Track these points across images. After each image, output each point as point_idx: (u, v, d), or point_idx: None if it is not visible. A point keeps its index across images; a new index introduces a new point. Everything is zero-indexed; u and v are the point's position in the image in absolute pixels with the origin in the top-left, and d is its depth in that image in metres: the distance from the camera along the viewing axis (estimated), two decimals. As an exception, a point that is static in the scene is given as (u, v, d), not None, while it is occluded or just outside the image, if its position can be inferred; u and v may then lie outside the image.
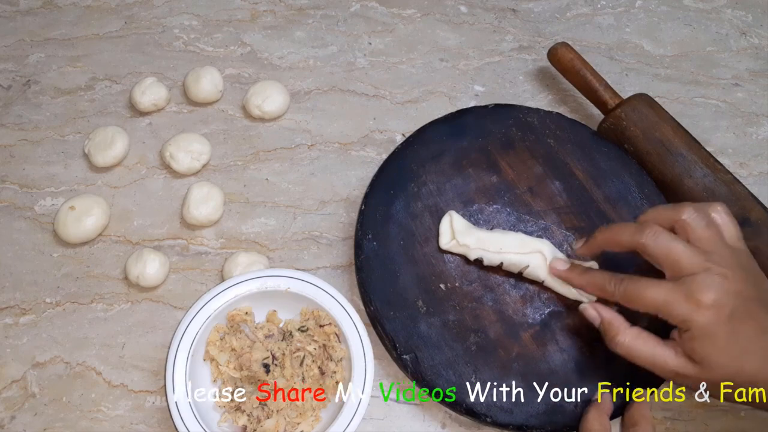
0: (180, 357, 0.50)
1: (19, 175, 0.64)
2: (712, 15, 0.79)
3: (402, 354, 0.52)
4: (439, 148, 0.61)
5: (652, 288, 0.45)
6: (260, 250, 0.61)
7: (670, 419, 0.55)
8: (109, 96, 0.69)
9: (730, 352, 0.42)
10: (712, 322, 0.42)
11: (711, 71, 0.75)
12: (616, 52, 0.75)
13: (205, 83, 0.67)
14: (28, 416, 0.53)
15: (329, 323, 0.52)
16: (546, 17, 0.78)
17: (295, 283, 0.53)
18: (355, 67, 0.73)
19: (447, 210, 0.58)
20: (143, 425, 0.53)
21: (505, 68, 0.74)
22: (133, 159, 0.65)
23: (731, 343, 0.42)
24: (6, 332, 0.56)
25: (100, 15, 0.75)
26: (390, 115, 0.69)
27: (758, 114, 0.72)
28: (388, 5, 0.78)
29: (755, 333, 0.43)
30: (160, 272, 0.58)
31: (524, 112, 0.64)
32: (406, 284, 0.55)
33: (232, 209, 0.63)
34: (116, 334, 0.57)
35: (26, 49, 0.73)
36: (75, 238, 0.59)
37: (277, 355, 0.52)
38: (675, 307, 0.44)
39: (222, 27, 0.75)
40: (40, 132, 0.67)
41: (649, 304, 0.45)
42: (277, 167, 0.66)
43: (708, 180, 0.59)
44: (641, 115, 0.62)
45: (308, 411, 0.51)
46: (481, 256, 0.54)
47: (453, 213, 0.57)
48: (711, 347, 0.43)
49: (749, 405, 0.44)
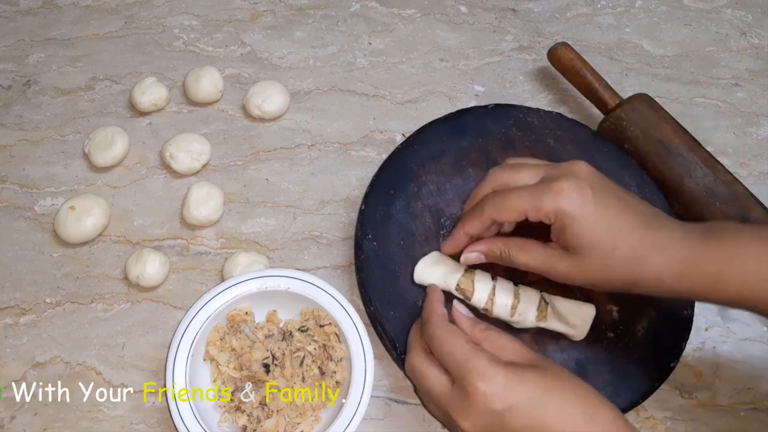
0: (180, 357, 0.50)
1: (19, 175, 0.64)
2: (712, 15, 0.79)
3: (402, 354, 0.52)
4: (439, 148, 0.61)
5: (514, 195, 0.46)
6: (260, 250, 0.61)
7: (670, 419, 0.55)
8: (109, 96, 0.69)
9: (600, 230, 0.43)
10: (578, 203, 0.43)
11: (711, 71, 0.75)
12: (616, 52, 0.75)
13: (205, 83, 0.67)
14: (28, 416, 0.53)
15: (329, 323, 0.52)
16: (546, 17, 0.78)
17: (295, 283, 0.53)
18: (355, 67, 0.73)
19: (447, 210, 0.58)
20: (143, 425, 0.53)
21: (505, 68, 0.74)
22: (133, 159, 0.65)
23: (600, 221, 0.43)
24: (6, 332, 0.56)
25: (100, 15, 0.75)
26: (390, 115, 0.69)
27: (758, 114, 0.72)
28: (388, 5, 0.78)
29: (619, 207, 0.44)
30: (160, 272, 0.58)
31: (524, 112, 0.64)
32: (406, 284, 0.55)
33: (232, 209, 0.63)
34: (116, 334, 0.57)
35: (26, 49, 0.72)
36: (75, 238, 0.59)
37: (277, 355, 0.52)
38: (542, 203, 0.44)
39: (222, 27, 0.75)
40: (40, 132, 0.67)
41: (520, 209, 0.45)
42: (277, 167, 0.66)
43: (708, 180, 0.59)
44: (641, 115, 0.62)
45: (308, 411, 0.51)
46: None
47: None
48: (583, 229, 0.43)
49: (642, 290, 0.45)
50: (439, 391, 0.43)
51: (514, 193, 0.46)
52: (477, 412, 0.40)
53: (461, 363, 0.42)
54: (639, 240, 0.43)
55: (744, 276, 0.42)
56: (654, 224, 0.44)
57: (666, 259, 0.43)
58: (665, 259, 0.43)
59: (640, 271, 0.44)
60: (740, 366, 0.57)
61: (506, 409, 0.40)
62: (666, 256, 0.43)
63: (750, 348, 0.58)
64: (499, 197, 0.47)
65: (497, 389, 0.40)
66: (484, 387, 0.40)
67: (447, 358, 0.43)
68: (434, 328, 0.45)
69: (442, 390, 0.43)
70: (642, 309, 0.55)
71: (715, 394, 0.56)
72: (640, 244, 0.43)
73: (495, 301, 0.51)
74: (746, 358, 0.57)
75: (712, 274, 0.42)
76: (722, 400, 0.56)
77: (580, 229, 0.43)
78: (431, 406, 0.45)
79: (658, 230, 0.44)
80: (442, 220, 0.58)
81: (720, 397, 0.56)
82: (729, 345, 0.58)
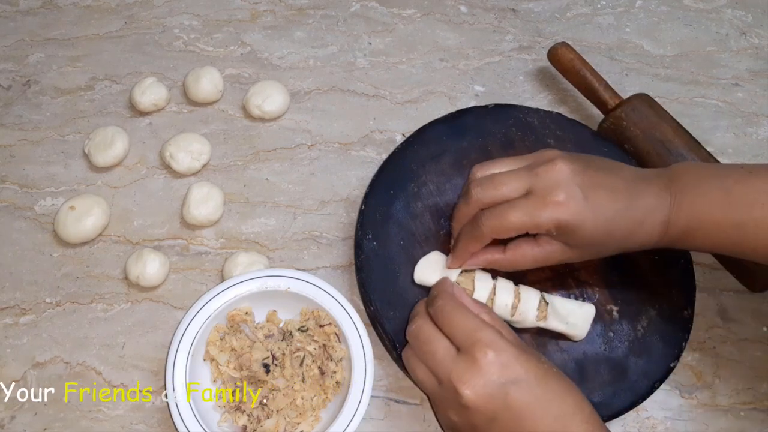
0: (180, 357, 0.50)
1: (19, 175, 0.64)
2: (712, 15, 0.79)
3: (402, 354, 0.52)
4: (439, 148, 0.61)
5: (511, 215, 0.47)
6: (260, 250, 0.61)
7: (670, 419, 0.55)
8: (109, 96, 0.69)
9: (598, 226, 0.46)
10: (575, 211, 0.45)
11: (711, 71, 0.75)
12: (616, 52, 0.75)
13: (205, 83, 0.67)
14: (28, 416, 0.53)
15: (329, 323, 0.52)
16: (546, 17, 0.78)
17: (295, 283, 0.53)
18: (355, 67, 0.73)
19: (447, 210, 0.58)
20: (143, 425, 0.53)
21: (505, 68, 0.74)
22: (133, 159, 0.65)
23: (597, 219, 0.46)
24: (6, 332, 0.56)
25: (100, 15, 0.75)
26: (390, 115, 0.69)
27: (758, 114, 0.72)
28: (388, 5, 0.78)
29: (608, 198, 0.46)
30: (160, 272, 0.58)
31: (524, 112, 0.64)
32: (406, 284, 0.55)
33: (232, 209, 0.63)
34: (116, 334, 0.57)
35: (26, 49, 0.72)
36: (75, 238, 0.59)
37: (277, 355, 0.52)
38: (541, 219, 0.46)
39: (222, 27, 0.75)
40: (40, 132, 0.67)
41: (519, 225, 0.47)
42: (277, 167, 0.66)
43: (708, 180, 0.59)
44: (641, 115, 0.62)
45: (308, 411, 0.51)
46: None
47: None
48: (584, 231, 0.46)
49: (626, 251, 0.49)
50: (443, 355, 0.43)
51: (510, 212, 0.47)
52: (482, 380, 0.41)
53: (471, 332, 0.43)
54: (629, 221, 0.47)
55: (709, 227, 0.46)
56: (633, 195, 0.47)
57: (648, 228, 0.47)
58: (648, 228, 0.47)
59: (631, 243, 0.48)
60: (740, 366, 0.57)
61: (511, 381, 0.41)
62: (648, 226, 0.47)
63: (750, 348, 0.58)
64: (496, 218, 0.47)
65: (505, 361, 0.42)
66: (493, 356, 0.41)
67: (455, 329, 0.44)
68: (443, 302, 0.46)
69: (447, 355, 0.43)
70: (642, 309, 0.55)
71: (715, 394, 0.56)
72: (631, 223, 0.47)
73: (495, 301, 0.51)
74: (746, 358, 0.57)
75: (683, 228, 0.46)
76: (722, 400, 0.56)
77: (582, 232, 0.46)
78: (424, 374, 0.45)
79: (637, 202, 0.47)
80: (442, 220, 0.58)
81: (720, 397, 0.56)
82: (729, 345, 0.58)
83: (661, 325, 0.54)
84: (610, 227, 0.46)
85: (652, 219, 0.46)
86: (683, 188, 0.46)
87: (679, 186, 0.47)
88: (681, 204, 0.46)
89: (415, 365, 0.46)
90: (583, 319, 0.52)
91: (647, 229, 0.47)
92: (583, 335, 0.52)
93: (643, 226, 0.47)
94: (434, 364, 0.44)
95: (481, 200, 0.49)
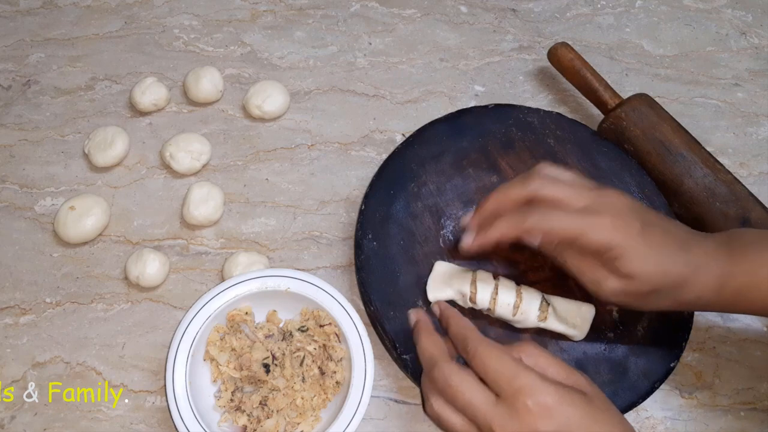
0: (180, 357, 0.50)
1: (19, 175, 0.64)
2: (712, 15, 0.79)
3: (402, 354, 0.52)
4: (439, 148, 0.61)
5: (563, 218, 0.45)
6: (260, 250, 0.61)
7: (670, 419, 0.55)
8: (109, 96, 0.69)
9: (652, 259, 0.45)
10: (629, 236, 0.44)
11: (711, 71, 0.75)
12: (616, 52, 0.75)
13: (205, 83, 0.67)
14: (28, 416, 0.53)
15: (329, 323, 0.52)
16: (546, 17, 0.78)
17: (295, 283, 0.53)
18: (355, 67, 0.73)
19: (447, 210, 0.58)
20: (143, 425, 0.53)
21: (505, 68, 0.74)
22: (133, 159, 0.65)
23: (651, 251, 0.45)
24: (6, 332, 0.56)
25: (100, 15, 0.75)
26: (390, 115, 0.69)
27: (758, 114, 0.72)
28: (388, 5, 0.78)
29: (661, 234, 0.45)
30: (160, 272, 0.58)
31: (524, 112, 0.64)
32: (406, 284, 0.55)
33: (232, 209, 0.63)
34: (116, 334, 0.57)
35: (26, 49, 0.72)
36: (75, 238, 0.59)
37: (277, 355, 0.52)
38: (592, 233, 0.45)
39: (222, 27, 0.75)
40: (40, 132, 0.67)
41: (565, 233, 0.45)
42: (277, 167, 0.66)
43: (708, 180, 0.59)
44: (641, 115, 0.62)
45: (308, 411, 0.51)
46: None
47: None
48: (637, 259, 0.44)
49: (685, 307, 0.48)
50: (482, 404, 0.41)
51: (562, 216, 0.46)
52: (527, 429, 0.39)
53: (510, 379, 0.40)
54: (684, 264, 0.45)
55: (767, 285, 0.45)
56: (689, 244, 0.46)
57: (705, 279, 0.45)
58: (704, 279, 0.45)
59: (686, 292, 0.46)
60: (740, 366, 0.57)
61: (554, 430, 0.39)
62: (704, 276, 0.45)
63: (750, 348, 0.58)
64: (546, 215, 0.46)
65: (547, 409, 0.39)
66: (533, 405, 0.39)
67: (493, 374, 0.41)
68: (475, 344, 0.43)
69: (486, 404, 0.41)
70: (642, 309, 0.55)
71: (715, 394, 0.56)
72: (686, 267, 0.45)
73: (498, 300, 0.51)
74: (746, 358, 0.57)
75: (739, 286, 0.45)
76: (722, 400, 0.56)
77: (633, 259, 0.44)
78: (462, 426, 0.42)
79: (694, 251, 0.46)
80: (442, 220, 0.58)
81: (720, 397, 0.56)
82: (729, 345, 0.58)
83: (661, 325, 0.54)
84: (664, 267, 0.45)
85: (707, 269, 0.45)
86: (744, 247, 0.46)
87: (738, 244, 0.46)
88: (740, 262, 0.45)
89: (449, 416, 0.42)
90: (583, 319, 0.52)
91: (702, 279, 0.45)
92: (583, 335, 0.52)
93: (697, 275, 0.45)
94: (473, 413, 0.41)
95: (537, 192, 0.47)
